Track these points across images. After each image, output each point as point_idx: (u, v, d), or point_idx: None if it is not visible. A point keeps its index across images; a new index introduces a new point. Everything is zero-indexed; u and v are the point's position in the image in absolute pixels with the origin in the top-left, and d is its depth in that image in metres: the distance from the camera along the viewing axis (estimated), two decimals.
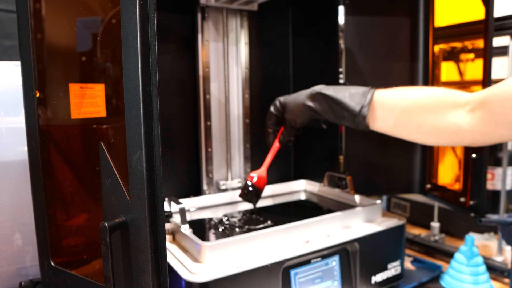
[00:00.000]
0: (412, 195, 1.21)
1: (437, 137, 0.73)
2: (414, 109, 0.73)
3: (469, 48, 0.93)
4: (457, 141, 0.72)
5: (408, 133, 0.75)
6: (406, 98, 0.74)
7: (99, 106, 0.53)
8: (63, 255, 0.61)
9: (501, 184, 0.94)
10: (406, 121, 0.74)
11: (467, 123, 0.69)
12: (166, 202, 0.80)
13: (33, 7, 0.58)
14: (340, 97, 0.79)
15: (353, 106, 0.77)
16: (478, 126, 0.68)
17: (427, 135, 0.73)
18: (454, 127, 0.70)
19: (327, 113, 0.82)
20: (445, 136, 0.72)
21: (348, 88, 0.81)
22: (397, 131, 0.76)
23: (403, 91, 0.76)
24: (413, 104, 0.73)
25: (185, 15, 0.96)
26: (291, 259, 0.65)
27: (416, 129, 0.73)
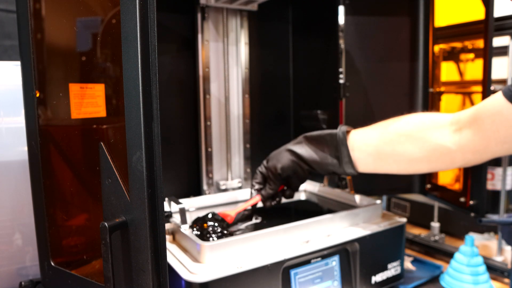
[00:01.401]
0: (412, 195, 1.21)
1: (428, 163, 0.71)
2: (396, 139, 0.71)
3: (469, 48, 0.93)
4: (448, 163, 0.71)
5: (397, 166, 0.73)
6: (385, 132, 0.72)
7: (99, 106, 0.53)
8: (63, 255, 0.61)
9: (501, 184, 0.94)
10: (391, 153, 0.72)
11: (455, 144, 0.67)
12: (166, 202, 0.80)
13: (33, 7, 0.58)
14: (317, 159, 0.78)
15: (334, 165, 0.77)
16: (468, 146, 0.67)
17: (416, 163, 0.71)
18: (441, 149, 0.68)
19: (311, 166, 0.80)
20: (436, 159, 0.70)
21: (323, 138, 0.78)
22: (386, 167, 0.74)
23: (380, 126, 0.74)
24: (394, 134, 0.71)
25: (185, 15, 0.96)
26: (291, 259, 0.65)
27: (404, 159, 0.71)
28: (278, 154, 0.82)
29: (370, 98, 1.00)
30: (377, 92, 1.01)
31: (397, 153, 0.71)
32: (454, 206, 0.94)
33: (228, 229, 0.76)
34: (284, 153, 0.81)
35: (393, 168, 0.74)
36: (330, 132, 0.78)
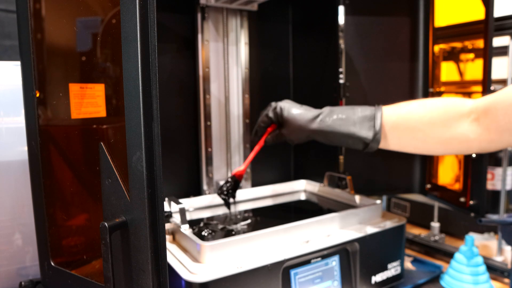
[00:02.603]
0: (412, 195, 1.21)
1: (445, 148, 0.74)
2: (419, 127, 0.73)
3: (469, 48, 0.93)
4: (464, 150, 0.73)
5: (414, 148, 0.76)
6: (410, 117, 0.74)
7: (99, 106, 0.53)
8: (63, 255, 0.61)
9: (501, 184, 0.94)
10: (411, 138, 0.75)
11: (473, 132, 0.69)
12: (166, 202, 0.80)
13: (33, 7, 0.58)
14: (348, 130, 0.78)
15: (365, 134, 0.77)
16: (484, 135, 0.68)
17: (434, 147, 0.74)
18: (460, 138, 0.71)
19: (333, 142, 0.81)
20: (453, 146, 0.73)
21: (353, 111, 0.79)
22: (403, 147, 0.77)
23: (406, 108, 0.76)
24: (418, 121, 0.73)
25: (185, 15, 0.96)
26: (291, 259, 0.65)
27: (422, 144, 0.74)
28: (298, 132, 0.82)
29: (370, 98, 1.00)
30: (377, 92, 1.01)
31: (417, 139, 0.74)
32: (454, 206, 0.94)
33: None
34: (304, 135, 0.81)
35: (409, 150, 0.77)
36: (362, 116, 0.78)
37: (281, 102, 0.85)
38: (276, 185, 1.03)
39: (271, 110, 0.85)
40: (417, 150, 0.77)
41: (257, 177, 1.09)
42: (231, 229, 0.78)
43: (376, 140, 0.76)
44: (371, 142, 0.76)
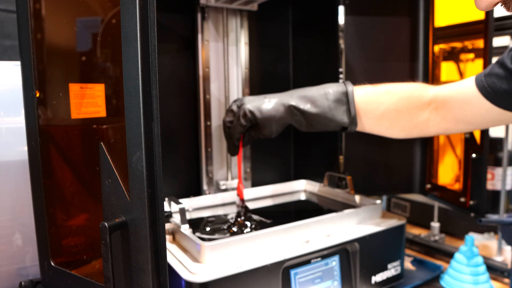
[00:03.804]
0: (412, 195, 1.21)
1: (406, 134, 0.82)
2: (386, 115, 0.79)
3: (469, 48, 0.93)
4: (423, 135, 0.82)
5: (378, 133, 0.82)
6: (378, 105, 0.79)
7: (99, 106, 0.53)
8: (63, 255, 0.61)
9: (501, 184, 0.94)
10: (377, 125, 0.80)
11: (432, 121, 0.77)
12: (166, 202, 0.80)
13: (33, 7, 0.58)
14: (323, 112, 0.79)
15: (340, 118, 0.79)
16: (441, 123, 0.77)
17: (397, 133, 0.81)
18: (421, 125, 0.78)
19: (311, 129, 0.81)
20: (414, 132, 0.81)
21: (324, 93, 0.79)
22: (367, 131, 0.82)
23: (374, 95, 0.80)
24: (385, 110, 0.78)
25: (185, 15, 0.96)
26: (291, 259, 0.65)
27: (386, 130, 0.81)
28: (274, 125, 0.80)
29: None
30: None
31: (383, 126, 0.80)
32: (454, 206, 0.94)
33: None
34: (281, 125, 0.81)
35: (374, 132, 0.82)
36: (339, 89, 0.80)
37: (244, 104, 0.80)
38: (276, 185, 1.03)
39: (242, 117, 0.79)
40: (380, 134, 0.83)
41: (257, 177, 1.09)
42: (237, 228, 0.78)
43: (354, 123, 0.79)
44: (349, 125, 0.79)
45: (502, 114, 0.70)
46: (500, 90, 0.68)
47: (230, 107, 0.84)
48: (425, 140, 1.02)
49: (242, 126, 0.80)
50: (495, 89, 0.68)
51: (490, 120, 0.73)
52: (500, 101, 0.69)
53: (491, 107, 0.69)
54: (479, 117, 0.72)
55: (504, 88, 0.67)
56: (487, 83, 0.69)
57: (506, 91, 0.67)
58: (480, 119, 0.73)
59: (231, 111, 0.83)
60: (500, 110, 0.69)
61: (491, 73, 0.69)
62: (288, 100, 0.80)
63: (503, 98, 0.68)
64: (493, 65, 0.70)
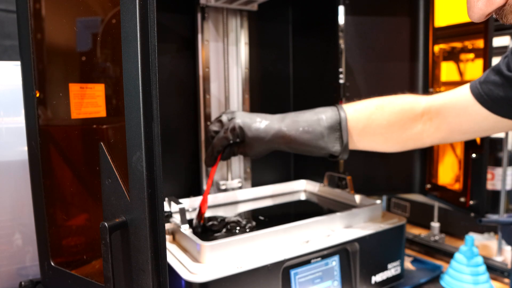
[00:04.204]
0: (412, 195, 1.21)
1: (401, 147, 0.80)
2: (379, 131, 0.77)
3: (469, 48, 0.93)
4: (419, 146, 0.81)
5: (373, 149, 0.81)
6: (370, 123, 0.77)
7: (99, 106, 0.53)
8: (63, 255, 0.61)
9: (501, 184, 0.94)
10: (371, 141, 0.79)
11: (426, 132, 0.77)
12: (166, 202, 0.80)
13: (33, 7, 0.58)
14: (317, 144, 0.77)
15: (332, 146, 0.77)
16: (436, 133, 0.76)
17: (392, 147, 0.80)
18: (415, 137, 0.77)
19: (299, 152, 0.80)
20: (409, 145, 0.79)
21: (318, 121, 0.77)
22: (362, 148, 0.80)
23: (365, 113, 0.78)
24: (378, 126, 0.77)
25: (185, 15, 0.96)
26: (291, 259, 0.65)
27: (381, 145, 0.80)
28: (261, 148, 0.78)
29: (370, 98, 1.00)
30: (377, 92, 1.00)
31: (376, 142, 0.79)
32: (454, 206, 0.94)
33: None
34: (268, 150, 0.78)
35: (368, 148, 0.81)
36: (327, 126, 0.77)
37: (236, 118, 0.78)
38: (276, 185, 1.03)
39: (229, 131, 0.77)
40: (375, 150, 0.82)
41: (257, 177, 1.09)
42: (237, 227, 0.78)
43: (346, 152, 0.78)
44: (341, 154, 0.78)
45: (499, 121, 0.69)
46: (497, 97, 0.67)
47: (219, 117, 0.81)
48: None
49: (228, 140, 0.78)
50: (492, 97, 0.68)
51: (487, 128, 0.72)
52: (498, 108, 0.68)
53: (488, 114, 0.69)
54: (476, 125, 0.72)
55: (501, 95, 0.67)
56: (483, 90, 0.69)
57: (503, 98, 0.67)
58: (476, 127, 0.72)
59: (219, 121, 0.80)
60: (497, 117, 0.69)
61: (486, 80, 0.69)
62: (280, 125, 0.77)
63: (500, 105, 0.68)
64: (488, 73, 0.69)
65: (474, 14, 0.42)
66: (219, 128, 0.80)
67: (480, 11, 0.42)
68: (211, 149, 0.80)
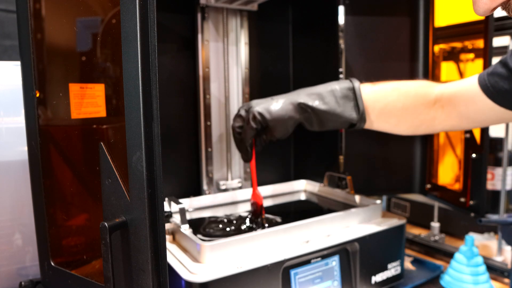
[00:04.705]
0: (412, 195, 1.21)
1: (413, 131, 0.82)
2: (394, 112, 0.79)
3: (469, 48, 0.93)
4: (430, 131, 0.83)
5: (385, 130, 0.83)
6: (386, 103, 0.79)
7: (99, 106, 0.53)
8: (63, 255, 0.61)
9: (501, 184, 0.94)
10: (385, 122, 0.81)
11: (438, 118, 0.78)
12: (166, 202, 0.80)
13: (33, 7, 0.58)
14: (332, 108, 0.78)
15: (349, 114, 0.79)
16: (446, 120, 0.78)
17: (404, 130, 0.82)
18: (428, 123, 0.79)
19: (320, 124, 0.81)
20: (420, 130, 0.81)
21: (331, 90, 0.79)
22: (375, 128, 0.83)
23: (381, 92, 0.80)
24: (393, 108, 0.79)
25: (185, 15, 0.96)
26: (291, 259, 0.65)
27: (394, 127, 0.82)
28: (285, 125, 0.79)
29: None
30: None
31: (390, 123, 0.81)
32: (454, 206, 0.94)
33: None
34: (291, 125, 0.79)
35: (382, 129, 0.83)
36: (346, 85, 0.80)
37: (252, 107, 0.79)
38: (276, 185, 1.03)
39: (251, 120, 0.78)
40: (388, 131, 0.83)
41: (257, 177, 1.08)
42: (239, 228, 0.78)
43: (363, 120, 0.79)
44: (358, 122, 0.79)
45: (505, 113, 0.70)
46: (502, 89, 0.68)
47: (238, 112, 0.82)
48: (425, 140, 1.02)
49: (253, 129, 0.78)
50: (497, 89, 0.68)
51: (493, 118, 0.73)
52: (502, 100, 0.69)
53: (493, 106, 0.70)
54: (482, 115, 0.73)
55: (506, 88, 0.67)
56: (489, 82, 0.69)
57: (508, 90, 0.67)
58: (483, 117, 0.73)
59: (239, 116, 0.81)
60: (502, 109, 0.69)
61: (494, 72, 0.69)
62: (296, 98, 0.79)
63: (505, 98, 0.68)
64: (496, 65, 0.70)
65: (480, 9, 0.42)
66: (241, 122, 0.81)
67: (485, 6, 0.42)
68: (242, 145, 0.82)
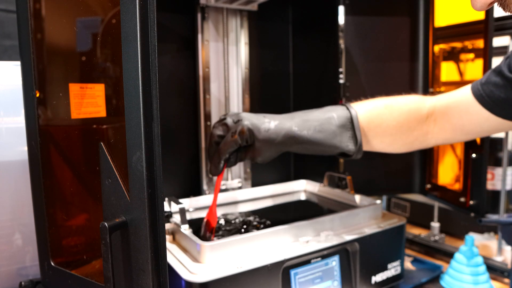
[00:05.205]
0: (412, 195, 1.21)
1: (408, 148, 0.80)
2: (388, 132, 0.77)
3: (469, 48, 0.93)
4: (424, 147, 0.81)
5: (380, 149, 0.80)
6: (379, 123, 0.77)
7: (99, 106, 0.53)
8: (63, 255, 0.61)
9: (501, 184, 0.94)
10: (379, 142, 0.78)
11: (431, 132, 0.77)
12: (166, 202, 0.80)
13: (33, 7, 0.58)
14: (331, 143, 0.73)
15: (346, 145, 0.74)
16: (440, 134, 0.76)
17: (398, 148, 0.80)
18: (421, 138, 0.78)
19: (311, 153, 0.76)
20: (415, 146, 0.80)
21: (328, 118, 0.74)
22: (370, 149, 0.79)
23: (375, 112, 0.77)
24: (387, 127, 0.77)
25: (185, 15, 0.96)
26: (291, 259, 0.65)
27: (388, 146, 0.79)
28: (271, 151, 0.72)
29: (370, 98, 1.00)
30: (377, 92, 1.00)
31: (385, 143, 0.78)
32: (454, 206, 0.94)
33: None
34: (279, 152, 0.73)
35: (376, 149, 0.80)
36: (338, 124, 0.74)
37: (243, 120, 0.72)
38: (276, 185, 1.03)
39: (238, 134, 0.71)
40: (382, 150, 0.81)
41: (257, 177, 1.09)
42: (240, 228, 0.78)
43: (360, 151, 0.76)
44: (355, 153, 0.76)
45: (501, 123, 0.69)
46: (498, 99, 0.67)
47: (223, 120, 0.74)
48: None
49: (237, 144, 0.71)
50: (493, 98, 0.67)
51: (488, 129, 0.72)
52: (498, 110, 0.68)
53: (489, 116, 0.68)
54: (477, 126, 0.71)
55: (502, 97, 0.66)
56: (484, 92, 0.68)
57: (504, 99, 0.66)
58: (478, 128, 0.72)
59: (224, 124, 0.73)
60: (498, 119, 0.68)
61: (488, 81, 0.68)
62: (290, 124, 0.72)
63: (501, 107, 0.67)
64: (489, 74, 0.69)
65: (477, 3, 0.42)
66: (224, 132, 0.73)
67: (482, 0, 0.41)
68: (217, 156, 0.73)
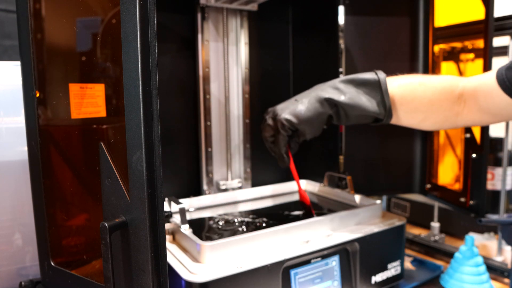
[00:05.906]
0: (412, 195, 1.21)
1: (438, 127, 0.82)
2: (420, 108, 0.77)
3: (469, 48, 0.93)
4: (453, 127, 0.81)
5: (410, 125, 0.81)
6: (412, 98, 0.77)
7: (99, 106, 0.53)
8: (63, 255, 0.61)
9: (501, 184, 0.94)
10: (410, 118, 0.79)
11: (461, 113, 0.76)
12: (166, 202, 0.80)
13: (33, 7, 0.58)
14: (361, 104, 0.77)
15: (375, 110, 0.77)
16: (468, 115, 0.76)
17: (428, 126, 0.80)
18: (452, 119, 0.77)
19: (347, 119, 0.79)
20: (445, 125, 0.81)
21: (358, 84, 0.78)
22: (400, 123, 0.81)
23: (408, 87, 0.78)
24: (419, 103, 0.77)
25: (185, 15, 0.96)
26: (291, 259, 0.65)
27: (419, 123, 0.79)
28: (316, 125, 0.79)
29: None
30: None
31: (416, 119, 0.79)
32: (454, 206, 0.94)
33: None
34: (321, 123, 0.79)
35: (407, 125, 0.81)
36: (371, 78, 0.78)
37: (278, 114, 0.79)
38: (276, 185, 1.03)
39: (281, 129, 0.79)
40: (413, 126, 0.81)
41: (257, 177, 1.09)
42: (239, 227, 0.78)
43: (390, 115, 0.77)
44: (385, 117, 0.77)
45: None
46: None
47: (264, 122, 0.82)
48: (425, 140, 1.02)
49: (285, 136, 0.80)
50: None
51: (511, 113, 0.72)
52: None
53: (510, 101, 0.68)
54: (502, 110, 0.71)
55: None
56: (506, 77, 0.68)
57: None
58: (503, 111, 0.72)
59: (267, 125, 0.81)
60: None
61: (511, 67, 0.68)
62: (322, 94, 0.78)
63: None
64: None
65: None
66: (272, 131, 0.81)
67: None
68: (278, 151, 0.83)
